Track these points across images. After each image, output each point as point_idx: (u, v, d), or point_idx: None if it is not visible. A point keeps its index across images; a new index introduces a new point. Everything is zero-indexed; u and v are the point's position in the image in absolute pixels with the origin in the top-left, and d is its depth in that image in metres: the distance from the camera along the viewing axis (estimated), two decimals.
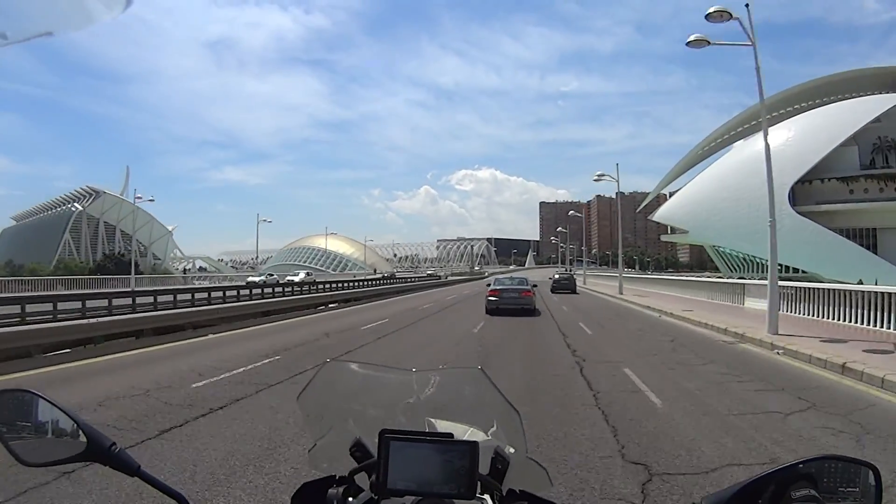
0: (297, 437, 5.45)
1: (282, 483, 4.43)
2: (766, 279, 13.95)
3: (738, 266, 58.30)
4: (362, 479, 1.28)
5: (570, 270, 71.70)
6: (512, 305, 21.95)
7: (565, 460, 4.97)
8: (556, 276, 45.66)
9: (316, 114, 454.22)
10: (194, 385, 8.27)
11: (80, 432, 1.18)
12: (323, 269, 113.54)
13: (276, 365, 10.12)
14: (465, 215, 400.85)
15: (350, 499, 1.26)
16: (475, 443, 1.16)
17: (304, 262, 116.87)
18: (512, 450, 1.30)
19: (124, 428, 5.97)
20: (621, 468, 4.79)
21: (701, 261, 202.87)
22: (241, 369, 9.56)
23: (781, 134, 51.83)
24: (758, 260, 54.27)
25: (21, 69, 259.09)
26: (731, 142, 62.44)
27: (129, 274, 45.97)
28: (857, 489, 1.01)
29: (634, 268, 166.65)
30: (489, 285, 24.26)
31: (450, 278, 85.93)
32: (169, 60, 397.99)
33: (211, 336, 15.12)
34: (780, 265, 52.04)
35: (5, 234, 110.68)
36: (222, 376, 8.92)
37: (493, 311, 21.73)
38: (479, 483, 1.17)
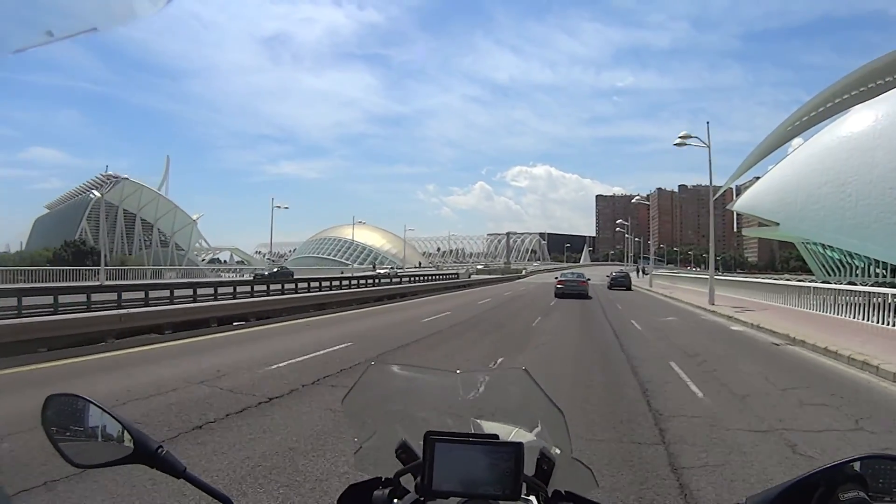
0: None
1: None
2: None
3: (835, 268, 47.01)
4: (408, 481, 1.26)
5: (648, 270, 68.87)
6: (572, 291, 31.18)
7: None
8: (613, 274, 50.39)
9: (371, 109, 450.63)
10: None
11: (128, 435, 1.20)
12: (348, 262, 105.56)
13: None
14: (520, 211, 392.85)
15: (395, 500, 1.25)
16: (520, 444, 1.17)
17: (329, 254, 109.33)
18: (557, 450, 1.29)
19: None
20: None
21: (772, 260, 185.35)
22: None
23: (885, 107, 40.84)
24: (862, 262, 43.14)
25: (80, 66, 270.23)
26: (820, 119, 50.77)
27: (89, 265, 38.77)
28: None
29: (699, 267, 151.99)
30: (556, 277, 34.80)
31: (473, 277, 65.93)
32: (225, 56, 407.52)
33: None
34: None
35: (38, 224, 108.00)
36: None
37: (560, 294, 30.66)
38: (524, 484, 1.17)
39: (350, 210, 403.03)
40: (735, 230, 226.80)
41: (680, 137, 29.10)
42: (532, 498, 1.21)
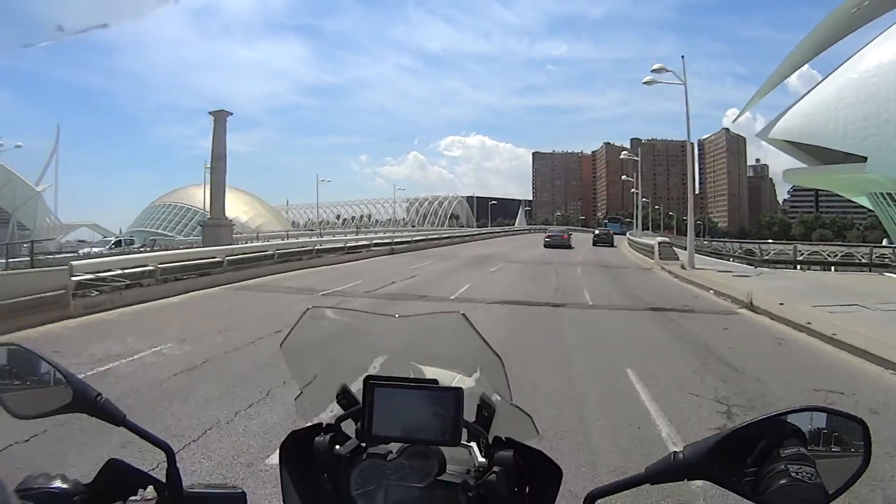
0: None
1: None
2: None
3: None
4: (349, 427, 1.26)
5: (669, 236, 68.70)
6: (557, 243, 43.41)
7: None
8: (597, 232, 58.57)
9: (303, 80, 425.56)
10: None
11: (67, 384, 1.20)
12: (172, 234, 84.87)
13: None
14: (455, 181, 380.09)
15: (337, 446, 1.23)
16: (460, 389, 1.17)
17: (162, 227, 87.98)
18: (497, 397, 1.29)
19: None
20: None
21: (741, 228, 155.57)
22: None
23: None
24: None
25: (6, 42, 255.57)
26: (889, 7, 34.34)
27: None
28: (844, 444, 0.95)
29: (653, 230, 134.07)
30: (546, 233, 51.73)
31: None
32: (154, 29, 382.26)
33: None
34: None
35: None
36: None
37: (547, 245, 43.11)
38: (464, 430, 1.17)
39: (281, 183, 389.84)
40: (697, 192, 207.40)
41: (653, 71, 25.21)
42: (473, 444, 1.21)
